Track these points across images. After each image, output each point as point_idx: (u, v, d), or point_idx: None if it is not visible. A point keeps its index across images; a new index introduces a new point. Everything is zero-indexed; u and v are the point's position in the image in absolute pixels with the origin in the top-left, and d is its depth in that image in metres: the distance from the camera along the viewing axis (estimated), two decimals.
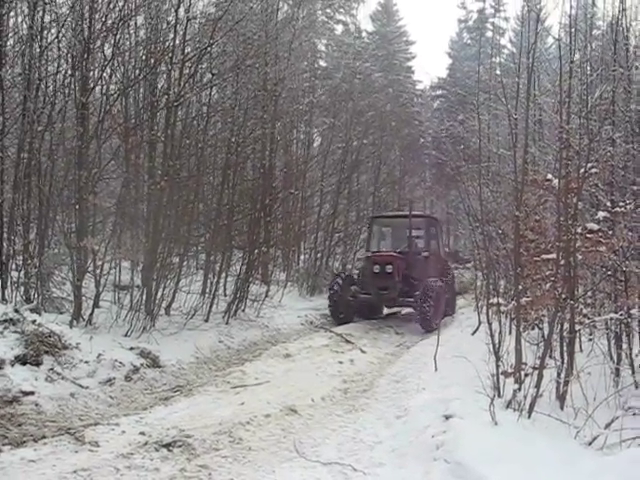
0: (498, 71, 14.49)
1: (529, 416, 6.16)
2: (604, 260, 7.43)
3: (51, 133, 10.43)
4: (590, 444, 5.54)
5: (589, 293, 8.51)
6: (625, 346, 7.82)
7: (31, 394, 7.02)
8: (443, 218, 31.18)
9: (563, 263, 6.97)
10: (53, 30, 10.44)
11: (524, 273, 7.67)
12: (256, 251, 14.75)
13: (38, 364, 7.65)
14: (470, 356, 7.56)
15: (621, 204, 7.59)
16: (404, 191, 29.80)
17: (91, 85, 10.61)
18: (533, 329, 9.05)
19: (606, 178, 8.24)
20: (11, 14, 10.65)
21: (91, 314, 9.99)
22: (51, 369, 7.70)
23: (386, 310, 17.56)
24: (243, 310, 14.05)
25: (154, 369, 9.12)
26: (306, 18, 22.16)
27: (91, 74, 10.61)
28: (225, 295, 14.18)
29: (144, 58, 11.97)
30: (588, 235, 7.06)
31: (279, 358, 10.76)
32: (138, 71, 11.91)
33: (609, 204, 8.00)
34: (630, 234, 8.05)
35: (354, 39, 34.42)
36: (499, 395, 6.58)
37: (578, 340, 8.05)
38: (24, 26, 10.56)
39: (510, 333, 8.14)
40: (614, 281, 8.06)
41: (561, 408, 6.53)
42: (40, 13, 10.22)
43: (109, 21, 10.61)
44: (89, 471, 5.36)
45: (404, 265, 15.77)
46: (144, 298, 10.91)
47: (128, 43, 12.26)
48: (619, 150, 8.86)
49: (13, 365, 7.43)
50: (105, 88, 11.06)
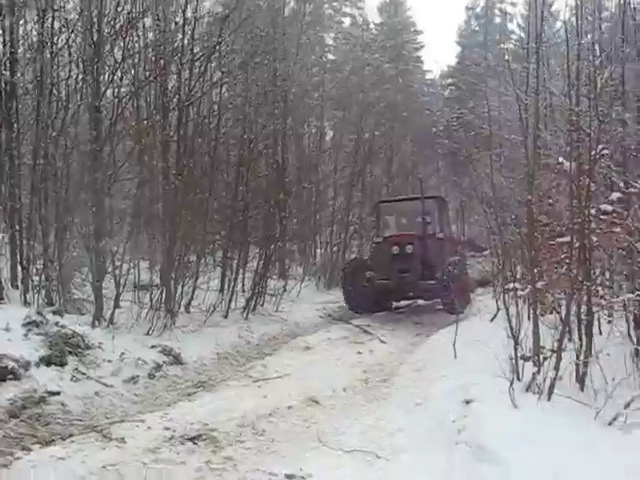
0: (507, 57, 14.45)
1: (549, 398, 6.15)
2: (619, 241, 7.42)
3: (65, 137, 10.52)
4: (610, 424, 5.54)
5: (606, 275, 8.52)
6: None
7: (57, 394, 7.10)
8: (457, 206, 31.07)
9: (578, 245, 6.97)
10: (63, 36, 10.54)
11: (539, 257, 7.68)
12: (272, 246, 14.85)
13: (63, 364, 7.75)
14: (489, 342, 7.58)
15: (635, 184, 7.59)
16: (417, 181, 29.78)
17: (103, 88, 10.75)
18: (551, 313, 9.10)
19: (618, 159, 8.25)
20: (21, 22, 10.78)
21: (112, 314, 10.09)
22: (76, 369, 7.79)
23: (398, 303, 16.87)
24: (262, 305, 14.18)
25: (176, 366, 9.23)
26: (313, 12, 22.26)
27: (102, 78, 10.73)
28: (243, 291, 14.32)
29: (154, 59, 12.07)
30: (602, 217, 7.08)
31: (299, 351, 10.86)
32: (148, 73, 12.03)
33: (622, 185, 7.99)
34: None
35: (362, 31, 34.42)
36: (518, 379, 6.58)
37: (597, 323, 7.93)
38: (34, 33, 10.72)
39: (528, 318, 8.12)
40: (630, 262, 8.07)
41: (581, 390, 6.51)
42: (50, 20, 10.34)
43: (117, 24, 10.73)
44: (117, 466, 5.43)
45: (423, 247, 15.03)
46: (164, 297, 11.02)
47: (137, 45, 12.38)
48: (630, 131, 8.85)
49: (38, 366, 7.51)
50: (117, 91, 11.24)
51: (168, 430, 6.40)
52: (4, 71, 10.12)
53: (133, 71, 12.04)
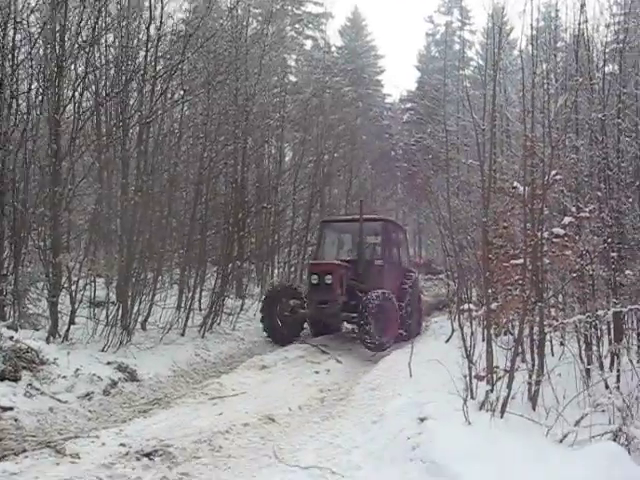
0: (466, 83, 14.75)
1: (502, 416, 6.27)
2: (571, 264, 7.62)
3: (25, 151, 10.44)
4: (561, 441, 5.69)
5: (558, 297, 8.72)
6: (595, 348, 8.04)
7: (10, 409, 7.00)
8: (415, 229, 31.44)
9: (531, 268, 7.15)
10: (24, 49, 10.49)
11: (494, 279, 7.80)
12: (230, 265, 14.85)
13: (16, 380, 7.64)
14: (444, 362, 7.67)
15: (585, 209, 7.82)
16: (376, 204, 29.94)
17: (64, 103, 10.67)
18: (505, 334, 9.28)
19: (571, 184, 8.48)
20: None
21: (67, 330, 10.01)
22: (29, 384, 7.69)
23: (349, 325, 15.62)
24: (219, 324, 14.17)
25: (132, 383, 9.16)
26: (275, 34, 22.33)
27: (63, 92, 10.68)
28: (200, 309, 14.31)
29: (116, 76, 12.06)
30: (555, 240, 7.28)
31: (255, 369, 10.85)
32: (110, 89, 11.99)
33: (574, 209, 8.21)
34: (595, 238, 8.30)
35: (323, 54, 34.73)
36: (472, 397, 6.69)
37: (549, 344, 8.18)
38: None
39: (482, 338, 8.29)
40: (582, 285, 8.29)
41: (533, 408, 6.68)
42: (11, 32, 10.25)
43: (80, 39, 10.70)
44: None
45: (349, 275, 14.03)
46: (120, 313, 10.95)
47: (100, 61, 12.34)
48: (583, 157, 9.09)
49: None
50: (77, 106, 11.14)
51: (123, 446, 6.35)
52: None
53: (94, 86, 11.97)
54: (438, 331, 14.25)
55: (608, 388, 6.84)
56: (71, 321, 10.27)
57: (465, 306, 8.56)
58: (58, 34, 10.37)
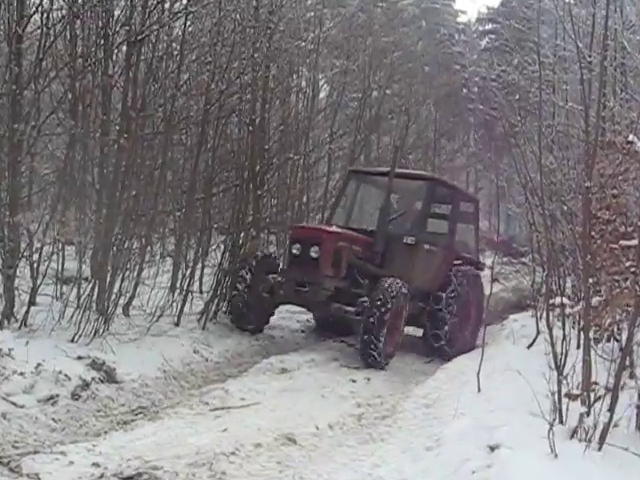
0: None
1: (599, 448, 6.23)
2: None
3: None
4: None
5: None
6: None
7: None
8: (492, 194, 30.93)
9: None
10: None
11: (597, 265, 7.76)
12: (243, 235, 14.70)
13: None
14: (524, 373, 7.63)
15: None
16: (441, 159, 29.59)
17: (28, 12, 10.62)
18: (609, 340, 9.15)
19: None
20: None
21: (27, 313, 10.04)
22: None
23: None
24: (225, 312, 14.09)
25: (109, 385, 9.14)
26: None
27: None
28: (201, 292, 14.33)
29: None
30: None
31: (272, 374, 10.90)
32: None
33: None
34: None
35: None
36: (561, 421, 6.65)
37: None
38: None
39: (578, 345, 8.22)
40: None
41: None
42: None
43: None
44: None
45: (356, 252, 13.45)
46: (95, 293, 10.88)
47: None
48: None
49: None
50: (46, 16, 10.97)
51: (97, 467, 6.38)
52: None
53: None
54: (518, 332, 13.91)
55: None
56: (31, 301, 10.29)
57: (556, 300, 8.55)
58: None
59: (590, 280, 7.57)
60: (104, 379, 9.20)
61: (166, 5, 12.74)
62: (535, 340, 12.60)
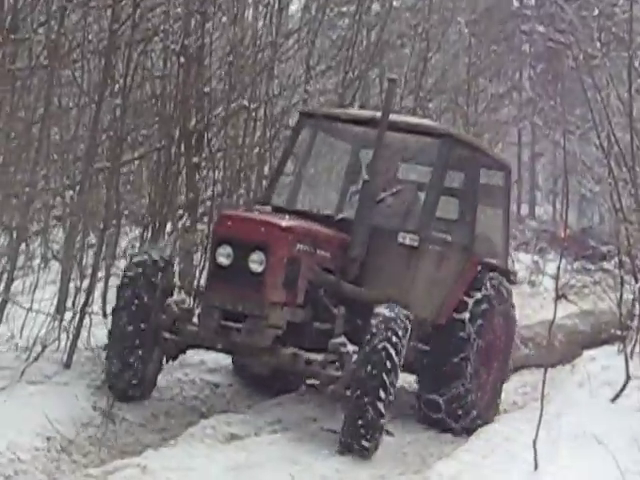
0: None
1: None
2: None
3: None
4: None
5: None
6: None
7: None
8: (556, 163, 27.37)
9: None
10: None
11: None
12: (170, 226, 12.68)
13: None
14: (607, 440, 7.55)
15: None
16: (478, 108, 25.30)
17: None
18: None
19: None
20: None
21: None
22: None
23: None
24: None
25: None
26: None
27: None
28: (105, 315, 12.03)
29: None
30: None
31: (215, 442, 8.94)
32: None
33: None
34: None
35: None
36: None
37: None
38: None
39: None
40: None
41: None
42: None
43: None
44: None
45: (318, 260, 9.32)
46: None
47: None
48: None
49: None
50: None
51: None
52: None
53: None
54: (597, 378, 11.81)
55: None
56: None
57: None
58: None
59: None
60: None
61: None
62: (624, 389, 11.06)
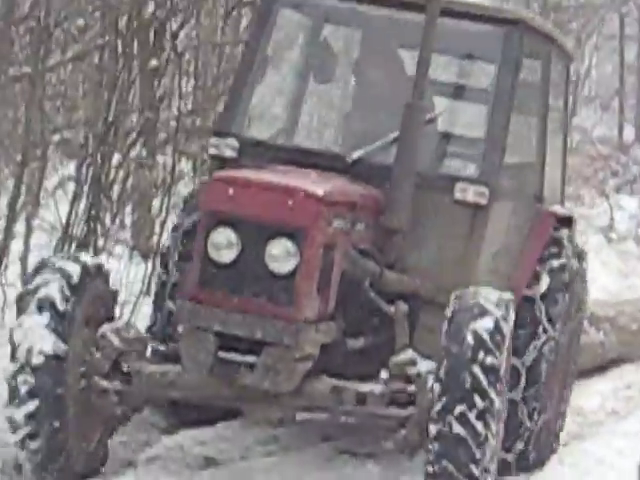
0: None
1: None
2: None
3: None
4: None
5: None
6: None
7: None
8: None
9: None
10: None
11: None
12: (116, 158, 10.75)
13: None
14: None
15: None
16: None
17: None
18: None
19: None
20: None
21: None
22: None
23: None
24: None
25: None
26: None
27: None
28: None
29: None
30: None
31: (184, 467, 7.35)
32: None
33: None
34: None
35: None
36: None
37: None
38: None
39: None
40: None
41: None
42: None
43: None
44: None
45: (354, 240, 6.14)
46: None
47: None
48: None
49: None
50: None
51: None
52: None
53: None
54: None
55: None
56: None
57: None
58: None
59: None
60: None
61: None
62: None
